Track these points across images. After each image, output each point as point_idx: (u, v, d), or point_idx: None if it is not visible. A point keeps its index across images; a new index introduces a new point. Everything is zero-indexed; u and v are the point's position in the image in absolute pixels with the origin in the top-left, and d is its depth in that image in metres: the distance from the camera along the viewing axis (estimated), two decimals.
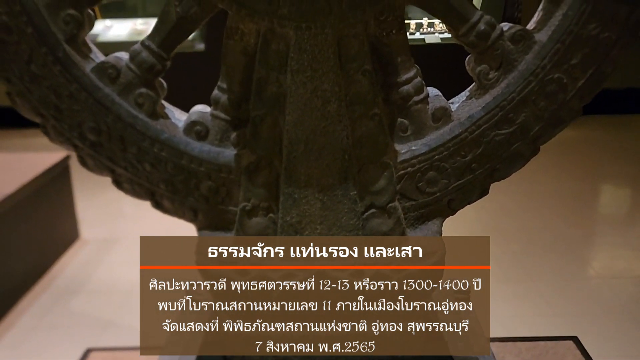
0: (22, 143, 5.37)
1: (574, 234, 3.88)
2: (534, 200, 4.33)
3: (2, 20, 1.20)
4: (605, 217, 4.38)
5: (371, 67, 1.24)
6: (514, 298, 3.07)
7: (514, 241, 3.77)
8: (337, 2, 1.16)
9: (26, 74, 1.24)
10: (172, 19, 1.23)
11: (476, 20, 1.24)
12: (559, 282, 3.25)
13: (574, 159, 5.11)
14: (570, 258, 3.55)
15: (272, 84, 1.24)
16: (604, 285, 3.24)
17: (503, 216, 4.05)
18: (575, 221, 4.07)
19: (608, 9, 1.21)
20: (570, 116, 1.31)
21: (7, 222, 3.04)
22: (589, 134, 5.66)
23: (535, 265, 3.45)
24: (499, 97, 1.28)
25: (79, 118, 1.27)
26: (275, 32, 1.21)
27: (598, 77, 1.28)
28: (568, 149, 5.14)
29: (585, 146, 5.43)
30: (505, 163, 1.33)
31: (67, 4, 1.21)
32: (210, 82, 1.34)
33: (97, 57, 1.30)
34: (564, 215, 4.15)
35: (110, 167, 1.31)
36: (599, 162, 5.24)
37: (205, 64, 4.97)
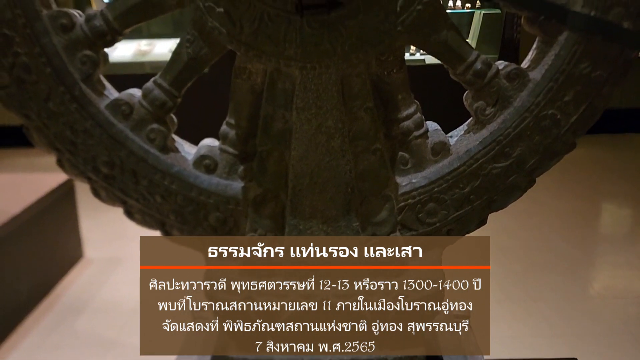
0: (27, 162, 5.42)
1: (575, 254, 3.90)
2: (535, 219, 4.35)
3: (23, 60, 1.26)
4: (606, 237, 4.40)
5: (373, 104, 1.30)
6: (514, 318, 3.09)
7: (515, 260, 3.79)
8: (341, 44, 1.23)
9: (44, 111, 1.29)
10: (184, 59, 1.29)
11: (473, 59, 1.30)
12: (560, 302, 3.27)
13: (575, 178, 5.14)
14: (571, 278, 3.56)
15: (278, 120, 1.30)
16: (605, 305, 3.25)
17: (504, 235, 4.07)
18: (576, 241, 4.09)
19: (599, 49, 1.27)
20: (565, 149, 1.37)
21: (12, 241, 3.09)
22: (590, 153, 5.70)
23: (536, 285, 3.47)
24: (495, 132, 1.33)
25: (93, 152, 1.33)
26: (282, 72, 1.27)
27: (590, 112, 1.33)
28: (569, 168, 5.18)
29: (586, 165, 5.46)
30: (502, 195, 1.38)
31: (83, 45, 1.28)
32: (212, 103, 1.39)
33: (111, 94, 1.35)
34: (564, 234, 4.17)
35: (122, 198, 1.36)
36: (600, 182, 5.27)
37: (209, 86, 5.03)
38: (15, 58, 1.26)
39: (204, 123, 4.45)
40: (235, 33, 1.23)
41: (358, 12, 1.21)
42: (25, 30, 1.24)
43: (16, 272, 3.14)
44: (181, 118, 1.43)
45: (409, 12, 1.23)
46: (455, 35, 1.29)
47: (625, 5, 1.23)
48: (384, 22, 1.22)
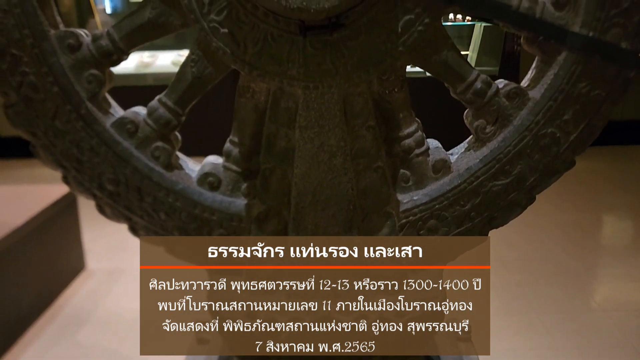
0: (29, 173, 5.44)
1: (576, 266, 3.90)
2: (536, 231, 4.35)
3: (30, 79, 1.28)
4: (608, 249, 4.39)
5: (375, 122, 1.32)
6: (514, 330, 3.09)
7: (516, 272, 3.79)
8: (343, 64, 1.25)
9: (51, 129, 1.31)
10: (188, 78, 1.31)
11: (473, 79, 1.32)
12: (561, 315, 3.26)
13: (576, 190, 5.14)
14: (572, 290, 3.56)
15: (281, 138, 1.32)
16: (606, 317, 3.24)
17: (505, 247, 4.07)
18: (578, 252, 4.09)
19: (597, 68, 1.29)
20: (564, 167, 1.38)
21: (14, 253, 3.10)
22: (590, 165, 5.71)
23: (537, 297, 3.46)
24: (495, 150, 1.35)
25: (98, 170, 1.34)
26: (285, 91, 1.29)
27: (590, 130, 1.35)
28: (569, 180, 5.14)
29: (587, 177, 5.47)
30: (503, 212, 1.40)
31: (90, 64, 1.30)
32: (213, 111, 1.40)
33: (117, 112, 1.37)
34: (566, 246, 4.17)
35: (127, 215, 1.38)
36: (601, 193, 5.27)
37: (211, 101, 5.05)
38: (23, 77, 1.28)
39: (207, 137, 4.47)
40: (239, 53, 1.25)
41: (360, 33, 1.23)
42: (33, 50, 1.26)
43: (18, 284, 3.15)
44: (184, 132, 1.45)
45: (410, 32, 1.25)
46: (455, 55, 1.31)
47: (623, 26, 1.26)
48: (386, 43, 1.24)
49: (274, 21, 1.22)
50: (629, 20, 1.25)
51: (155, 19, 1.28)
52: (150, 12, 1.27)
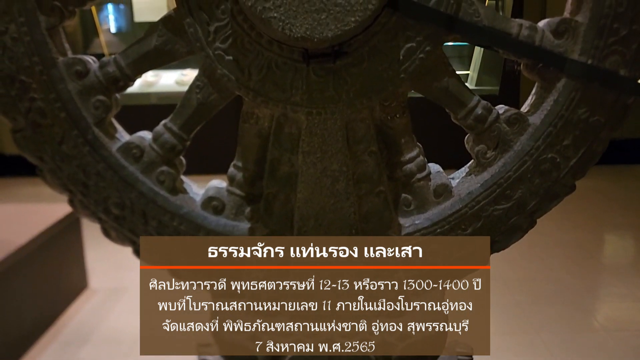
0: (32, 191, 5.46)
1: (578, 285, 3.89)
2: (537, 250, 4.35)
3: (38, 105, 1.30)
4: (609, 268, 4.38)
5: (377, 148, 1.34)
6: (516, 350, 3.08)
7: (518, 291, 3.78)
8: (345, 90, 1.27)
9: (58, 153, 1.33)
10: (193, 104, 1.34)
11: (474, 105, 1.34)
12: (563, 334, 3.25)
13: (578, 209, 5.14)
14: (574, 310, 3.55)
15: (284, 164, 1.34)
16: (609, 337, 3.23)
17: (506, 266, 4.07)
18: (579, 272, 4.08)
19: (596, 95, 1.31)
20: (565, 191, 1.40)
21: (17, 272, 3.11)
22: (592, 184, 5.71)
23: (539, 317, 3.45)
24: (496, 175, 1.37)
25: (104, 194, 1.36)
26: (288, 117, 1.31)
27: (589, 155, 1.36)
28: (571, 199, 5.14)
29: (589, 196, 5.47)
30: (504, 236, 1.41)
31: (97, 90, 1.32)
32: (216, 130, 1.41)
33: (122, 137, 1.40)
34: (567, 265, 4.16)
35: (132, 238, 1.39)
36: (603, 212, 5.27)
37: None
38: (31, 103, 1.30)
39: (210, 155, 4.48)
40: (243, 80, 1.27)
41: (362, 61, 1.26)
42: (42, 77, 1.29)
43: (21, 302, 3.16)
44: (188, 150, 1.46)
45: (412, 60, 1.27)
46: (456, 82, 1.33)
47: (621, 54, 1.28)
48: (388, 70, 1.27)
49: (278, 49, 1.25)
50: (627, 48, 1.27)
51: (161, 46, 1.30)
52: (156, 40, 1.30)
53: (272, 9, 1.14)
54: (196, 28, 1.26)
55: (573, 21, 1.29)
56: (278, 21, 1.15)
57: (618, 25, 1.26)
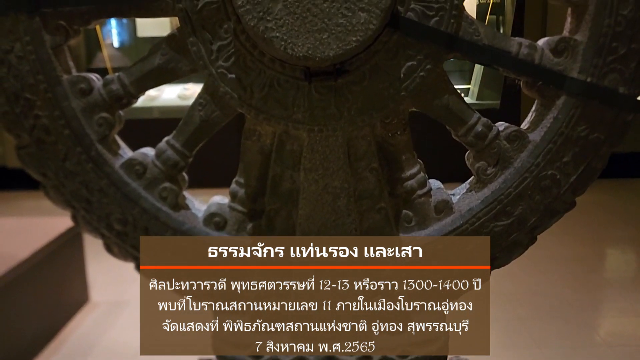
0: (35, 205, 5.46)
1: (580, 299, 3.88)
2: (539, 264, 4.34)
3: (43, 122, 1.32)
4: (611, 282, 4.37)
5: (378, 164, 1.35)
6: None
7: (519, 306, 3.77)
8: (347, 108, 1.28)
9: (61, 170, 1.35)
10: (196, 121, 1.35)
11: (474, 122, 1.35)
12: (565, 349, 3.24)
13: (579, 223, 5.13)
14: (576, 324, 3.54)
15: (286, 180, 1.35)
16: (611, 352, 3.22)
17: (507, 280, 4.06)
18: (581, 286, 4.07)
19: (596, 112, 1.32)
20: (565, 208, 1.40)
21: (19, 285, 3.11)
22: (594, 198, 5.70)
23: (541, 331, 3.44)
24: (496, 191, 1.38)
25: (107, 210, 1.37)
26: (290, 134, 1.33)
27: (589, 172, 1.37)
28: (573, 213, 5.12)
29: (590, 210, 5.46)
30: (505, 252, 1.42)
31: (101, 108, 1.34)
32: (214, 143, 1.42)
33: (125, 153, 1.41)
34: (569, 279, 4.15)
35: (134, 254, 1.40)
36: (604, 226, 5.26)
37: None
38: (35, 120, 1.32)
39: (212, 169, 4.48)
40: (246, 98, 1.29)
41: (364, 79, 1.27)
42: (47, 95, 1.30)
43: (22, 316, 3.16)
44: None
45: (412, 78, 1.28)
46: (456, 99, 1.35)
47: (620, 72, 1.29)
48: (389, 88, 1.28)
49: (280, 67, 1.26)
50: (626, 66, 1.29)
51: (164, 64, 1.32)
52: (160, 58, 1.32)
53: (275, 29, 1.16)
54: (199, 47, 1.27)
55: (572, 40, 1.30)
56: (280, 41, 1.16)
57: (617, 44, 1.27)
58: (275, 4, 1.15)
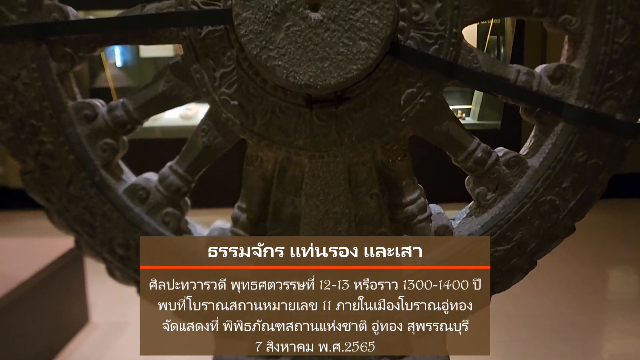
0: (36, 224, 5.46)
1: (582, 321, 3.85)
2: (541, 284, 4.32)
3: (47, 148, 1.33)
4: (614, 304, 4.34)
5: (378, 190, 1.37)
6: None
7: (521, 327, 3.75)
8: (348, 134, 1.30)
9: (65, 195, 1.36)
10: (199, 147, 1.37)
11: (473, 148, 1.37)
12: None
13: (581, 243, 5.11)
14: (579, 346, 3.51)
15: (287, 206, 1.37)
16: None
17: (509, 301, 4.04)
18: (583, 308, 4.04)
19: (594, 138, 1.33)
20: (564, 233, 1.41)
21: (20, 306, 3.10)
22: (596, 218, 5.65)
23: (543, 353, 3.41)
24: (496, 216, 1.39)
25: (110, 235, 1.38)
26: (292, 160, 1.34)
27: (588, 197, 1.38)
28: (575, 233, 5.13)
29: (593, 230, 5.44)
30: (505, 276, 1.42)
31: (105, 134, 1.36)
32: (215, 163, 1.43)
33: (129, 178, 1.42)
34: (571, 301, 4.13)
35: (136, 278, 1.41)
36: (607, 247, 5.24)
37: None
38: (40, 146, 1.33)
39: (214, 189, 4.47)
40: (248, 124, 1.31)
41: (364, 106, 1.29)
42: (52, 121, 1.32)
43: (22, 337, 3.14)
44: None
45: (412, 105, 1.30)
46: (456, 125, 1.36)
47: (617, 99, 1.31)
48: (389, 115, 1.30)
49: (282, 94, 1.28)
50: (622, 93, 1.30)
51: (168, 91, 1.34)
52: (164, 85, 1.34)
53: (277, 58, 1.18)
54: (202, 74, 1.29)
55: (569, 67, 1.32)
56: (282, 69, 1.18)
57: (614, 72, 1.29)
58: (277, 33, 1.18)
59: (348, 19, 1.17)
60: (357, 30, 1.18)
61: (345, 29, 1.17)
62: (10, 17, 1.28)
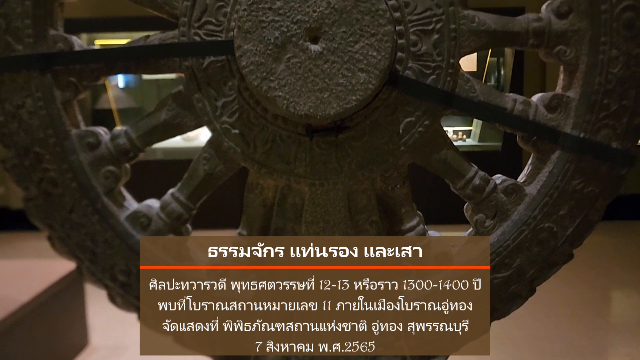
0: (36, 246, 5.46)
1: (585, 344, 3.83)
2: (543, 307, 4.31)
3: (51, 175, 1.35)
4: (617, 327, 4.32)
5: (378, 217, 1.38)
6: None
7: (524, 350, 3.73)
8: (347, 162, 1.32)
9: (67, 222, 1.37)
10: (200, 175, 1.38)
11: (472, 175, 1.38)
12: None
13: (584, 265, 5.10)
14: None
15: (288, 233, 1.38)
16: None
17: (512, 324, 4.00)
18: (587, 330, 4.02)
19: (590, 166, 1.35)
20: (563, 260, 1.42)
21: (19, 329, 3.10)
22: (599, 240, 5.65)
23: None
24: (495, 243, 1.40)
25: (111, 261, 1.39)
26: (292, 188, 1.36)
27: (586, 225, 1.40)
28: (577, 255, 5.11)
29: (596, 252, 5.43)
30: (504, 303, 1.43)
31: (108, 161, 1.37)
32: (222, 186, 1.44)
33: (131, 205, 1.44)
34: (574, 324, 4.11)
35: (137, 305, 1.41)
36: (609, 269, 5.22)
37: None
38: (44, 173, 1.35)
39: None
40: (249, 152, 1.33)
41: (364, 134, 1.31)
42: (55, 149, 1.34)
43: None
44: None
45: (411, 133, 1.32)
46: (454, 153, 1.38)
47: (612, 127, 1.33)
48: (388, 143, 1.32)
49: (283, 123, 1.30)
50: (617, 121, 1.32)
51: (170, 120, 1.36)
52: (166, 114, 1.36)
53: (277, 88, 1.20)
54: (204, 103, 1.32)
55: (565, 97, 1.34)
56: (283, 99, 1.20)
57: (608, 101, 1.31)
58: (278, 65, 1.20)
59: (347, 50, 1.20)
60: (356, 61, 1.20)
61: (345, 60, 1.20)
62: (16, 47, 1.30)
